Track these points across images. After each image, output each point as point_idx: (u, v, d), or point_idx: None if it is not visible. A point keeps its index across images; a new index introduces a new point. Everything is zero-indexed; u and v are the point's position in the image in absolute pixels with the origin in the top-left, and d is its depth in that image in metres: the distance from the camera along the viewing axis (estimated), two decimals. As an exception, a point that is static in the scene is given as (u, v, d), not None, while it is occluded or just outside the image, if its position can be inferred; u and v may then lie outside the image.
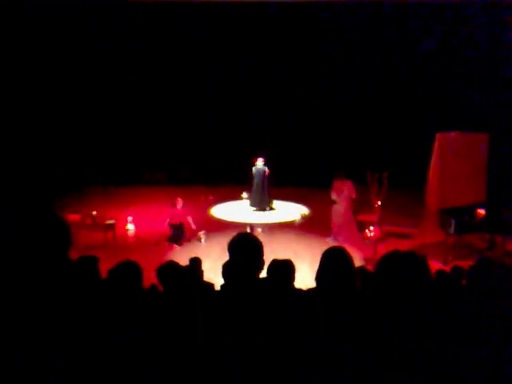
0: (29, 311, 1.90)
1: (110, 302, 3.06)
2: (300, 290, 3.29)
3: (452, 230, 9.71)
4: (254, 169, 14.13)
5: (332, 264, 2.95)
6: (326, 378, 2.48)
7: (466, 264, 5.90)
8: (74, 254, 2.40)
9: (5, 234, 2.01)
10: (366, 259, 9.38)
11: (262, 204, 14.35)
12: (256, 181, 14.15)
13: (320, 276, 2.98)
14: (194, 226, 11.39)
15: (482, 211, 9.94)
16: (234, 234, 3.09)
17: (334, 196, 11.36)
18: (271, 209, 14.48)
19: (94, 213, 11.14)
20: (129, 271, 3.59)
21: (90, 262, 4.48)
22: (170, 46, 16.58)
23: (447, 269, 6.45)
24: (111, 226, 11.16)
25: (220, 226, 12.24)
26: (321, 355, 2.53)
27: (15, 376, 1.85)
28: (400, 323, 2.36)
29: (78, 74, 16.01)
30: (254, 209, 14.34)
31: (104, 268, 4.70)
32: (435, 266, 7.30)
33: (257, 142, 15.38)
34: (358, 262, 7.45)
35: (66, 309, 2.03)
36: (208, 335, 2.63)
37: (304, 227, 12.45)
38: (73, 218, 10.49)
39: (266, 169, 14.08)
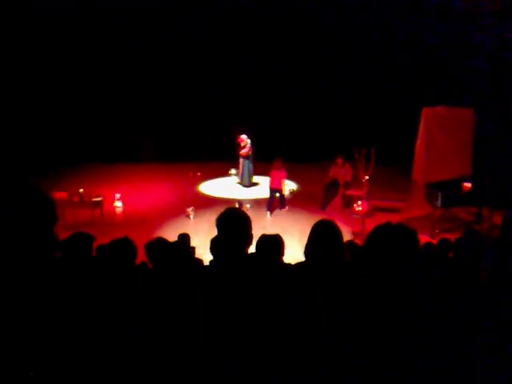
0: (14, 290, 1.88)
1: (105, 278, 3.06)
2: (289, 265, 3.31)
3: (439, 203, 9.80)
4: (249, 146, 13.97)
5: (321, 236, 2.96)
6: (319, 348, 2.51)
7: (452, 237, 5.99)
8: (61, 232, 2.37)
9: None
10: (354, 233, 9.47)
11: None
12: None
13: (309, 249, 2.99)
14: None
15: (467, 185, 10.03)
16: (222, 209, 3.08)
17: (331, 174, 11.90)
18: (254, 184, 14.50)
19: (81, 190, 11.06)
20: (124, 249, 3.59)
21: (85, 240, 4.44)
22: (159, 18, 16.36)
23: (434, 242, 6.52)
24: (98, 204, 11.09)
25: (208, 203, 12.23)
26: (313, 327, 2.55)
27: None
28: (390, 295, 2.38)
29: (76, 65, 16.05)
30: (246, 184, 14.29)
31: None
32: (422, 239, 7.37)
33: (243, 118, 15.26)
34: (346, 235, 7.53)
35: (54, 288, 2.02)
36: (201, 311, 2.64)
37: (292, 202, 12.47)
38: (60, 195, 10.41)
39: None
